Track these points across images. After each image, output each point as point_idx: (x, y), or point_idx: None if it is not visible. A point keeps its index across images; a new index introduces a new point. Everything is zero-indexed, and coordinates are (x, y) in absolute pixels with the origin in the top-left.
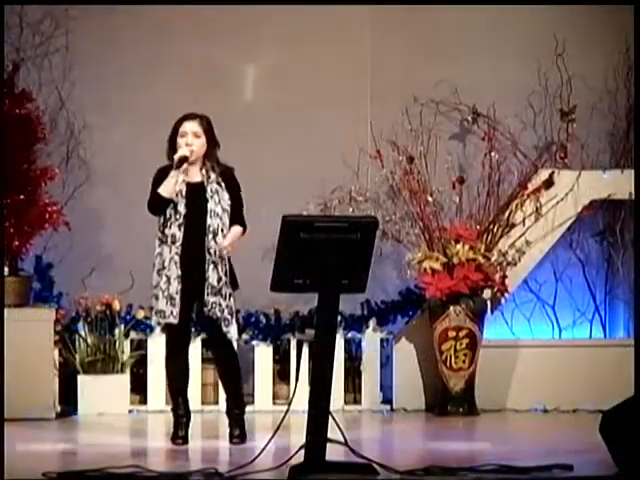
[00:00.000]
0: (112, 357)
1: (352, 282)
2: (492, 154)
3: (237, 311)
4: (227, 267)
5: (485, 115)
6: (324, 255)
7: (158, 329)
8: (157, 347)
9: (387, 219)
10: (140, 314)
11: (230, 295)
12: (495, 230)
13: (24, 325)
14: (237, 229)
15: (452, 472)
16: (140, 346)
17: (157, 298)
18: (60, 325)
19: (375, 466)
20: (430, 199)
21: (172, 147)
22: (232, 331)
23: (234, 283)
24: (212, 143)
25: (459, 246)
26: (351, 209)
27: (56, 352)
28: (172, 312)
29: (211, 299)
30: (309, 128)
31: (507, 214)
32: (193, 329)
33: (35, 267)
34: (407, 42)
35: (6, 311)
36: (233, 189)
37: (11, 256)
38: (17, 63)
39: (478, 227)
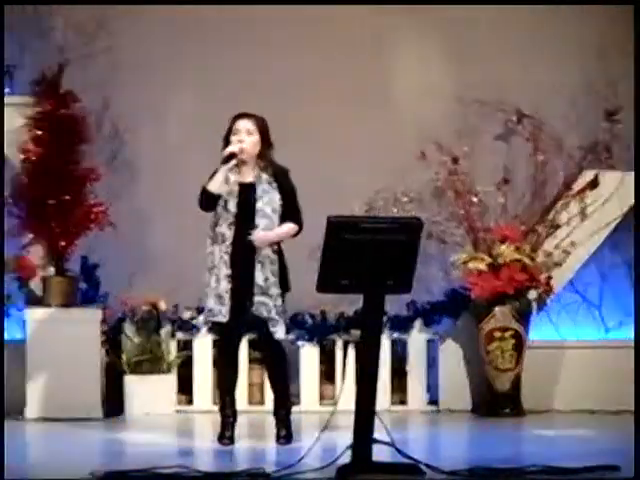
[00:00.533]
0: (158, 357)
1: (397, 283)
2: (537, 155)
3: (285, 311)
4: (276, 267)
5: (530, 115)
6: (369, 256)
7: (204, 329)
8: (203, 347)
9: (432, 220)
10: (186, 314)
11: (279, 295)
12: (540, 231)
13: (71, 325)
14: (289, 225)
15: (497, 473)
16: (186, 346)
17: (207, 297)
18: (106, 325)
19: (421, 466)
20: (475, 200)
21: (226, 145)
22: (280, 331)
23: (285, 284)
24: (266, 143)
25: (504, 247)
26: (396, 210)
27: (103, 352)
28: (221, 311)
29: (258, 298)
30: (354, 129)
31: (552, 215)
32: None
33: (81, 267)
34: (454, 42)
35: (54, 311)
36: (285, 189)
37: (57, 256)
38: (62, 64)
39: (523, 228)
